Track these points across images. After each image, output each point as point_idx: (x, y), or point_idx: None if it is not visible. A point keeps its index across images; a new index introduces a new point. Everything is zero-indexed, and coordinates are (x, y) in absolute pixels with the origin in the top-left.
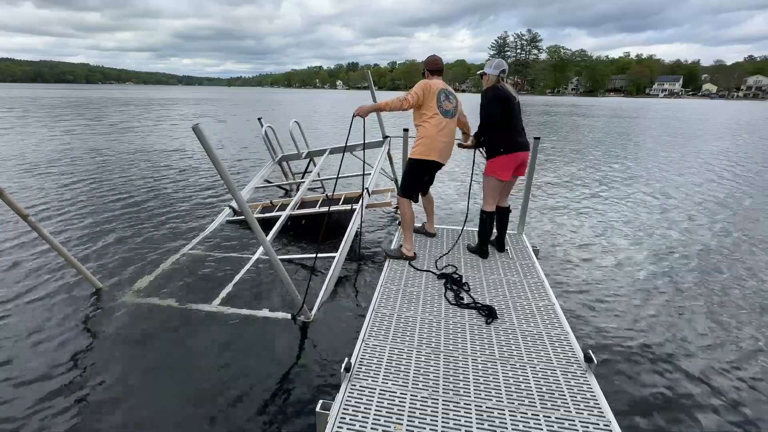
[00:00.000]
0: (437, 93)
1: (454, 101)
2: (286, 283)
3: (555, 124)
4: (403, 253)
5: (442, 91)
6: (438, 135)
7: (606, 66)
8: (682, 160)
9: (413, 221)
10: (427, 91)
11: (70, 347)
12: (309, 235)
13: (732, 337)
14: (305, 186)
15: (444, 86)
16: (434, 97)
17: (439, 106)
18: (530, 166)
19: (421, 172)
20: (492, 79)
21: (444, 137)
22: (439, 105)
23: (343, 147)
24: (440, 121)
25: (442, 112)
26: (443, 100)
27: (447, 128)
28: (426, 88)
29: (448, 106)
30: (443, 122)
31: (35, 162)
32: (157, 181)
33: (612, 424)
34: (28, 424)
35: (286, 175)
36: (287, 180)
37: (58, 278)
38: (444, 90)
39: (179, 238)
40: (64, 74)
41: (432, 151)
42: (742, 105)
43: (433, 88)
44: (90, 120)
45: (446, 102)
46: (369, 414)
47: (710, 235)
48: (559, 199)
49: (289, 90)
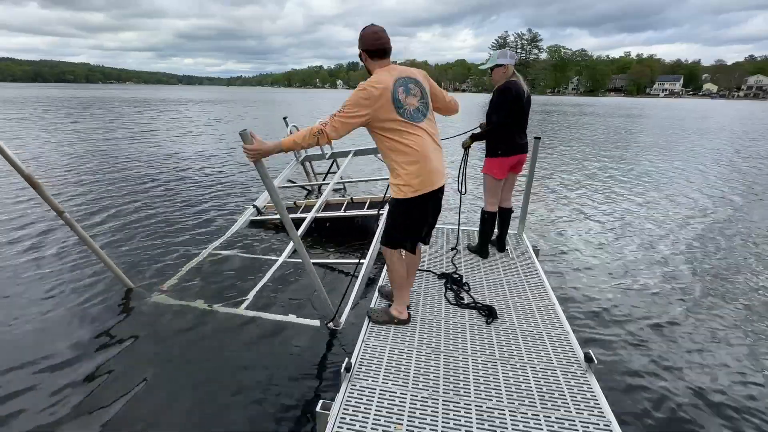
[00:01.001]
0: (392, 90)
1: (418, 89)
2: (319, 289)
3: (555, 124)
4: (395, 317)
5: (398, 82)
6: (424, 156)
7: (606, 66)
8: (684, 159)
9: (405, 278)
10: (369, 99)
11: (97, 344)
12: (333, 237)
13: (733, 338)
14: (329, 188)
15: (399, 74)
16: (389, 102)
17: (401, 111)
18: (531, 166)
19: (418, 212)
20: (510, 71)
21: (432, 153)
22: (401, 110)
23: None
24: (412, 134)
25: (411, 116)
26: (403, 98)
27: (425, 140)
28: (365, 95)
29: (413, 102)
30: (417, 134)
31: (56, 161)
32: (180, 180)
33: (612, 424)
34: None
35: (308, 176)
36: (310, 180)
37: (90, 276)
38: (400, 80)
39: (204, 237)
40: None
41: (422, 180)
42: (742, 105)
43: (383, 86)
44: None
45: (410, 98)
46: (369, 414)
47: (711, 235)
48: (559, 198)
49: (290, 90)
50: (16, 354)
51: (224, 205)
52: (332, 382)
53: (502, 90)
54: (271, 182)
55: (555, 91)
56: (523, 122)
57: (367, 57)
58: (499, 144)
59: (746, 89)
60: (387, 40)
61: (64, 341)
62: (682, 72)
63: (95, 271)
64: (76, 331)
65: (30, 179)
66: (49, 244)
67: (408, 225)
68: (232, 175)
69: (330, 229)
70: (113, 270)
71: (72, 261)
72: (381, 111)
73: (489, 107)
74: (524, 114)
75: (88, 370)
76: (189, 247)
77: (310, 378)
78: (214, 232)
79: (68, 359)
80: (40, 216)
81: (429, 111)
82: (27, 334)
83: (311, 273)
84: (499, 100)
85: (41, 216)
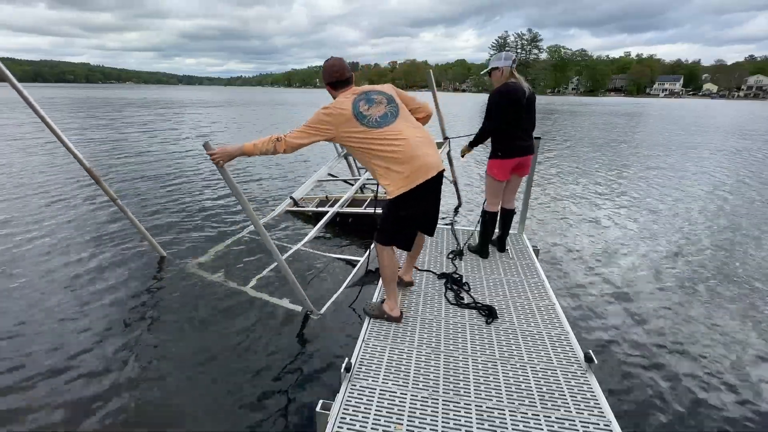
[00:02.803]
0: (353, 107)
1: (383, 98)
2: (292, 282)
3: (556, 123)
4: (385, 312)
5: (358, 99)
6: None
7: (606, 66)
8: (685, 159)
9: (396, 274)
10: (329, 117)
11: (123, 302)
12: (356, 233)
13: (734, 338)
14: (359, 183)
15: (359, 93)
16: (352, 118)
17: (365, 121)
18: (531, 166)
19: (409, 207)
20: (506, 72)
21: (416, 147)
22: (365, 121)
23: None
24: (388, 134)
25: (376, 123)
26: (364, 110)
27: (405, 135)
28: (326, 114)
29: (378, 110)
30: (392, 133)
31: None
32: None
33: (612, 424)
34: (84, 364)
35: (351, 169)
36: (353, 174)
37: (126, 242)
38: (360, 96)
39: (241, 222)
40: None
41: (416, 171)
42: (742, 105)
43: (344, 107)
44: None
45: (373, 107)
46: (369, 414)
47: (712, 235)
48: (560, 198)
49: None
50: (62, 300)
51: (265, 193)
52: (332, 382)
53: (494, 94)
54: (235, 185)
55: (555, 91)
56: (525, 123)
57: (331, 89)
58: (498, 146)
59: (746, 89)
60: (344, 70)
61: (101, 293)
62: (682, 72)
63: (132, 238)
64: (112, 286)
65: (90, 172)
66: (92, 217)
67: (399, 223)
68: (270, 168)
69: (352, 224)
70: (150, 241)
71: (113, 231)
72: (344, 127)
73: (486, 110)
74: (526, 115)
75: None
76: (225, 227)
77: (310, 378)
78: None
79: (99, 306)
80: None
81: (400, 112)
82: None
83: (283, 267)
84: (491, 103)
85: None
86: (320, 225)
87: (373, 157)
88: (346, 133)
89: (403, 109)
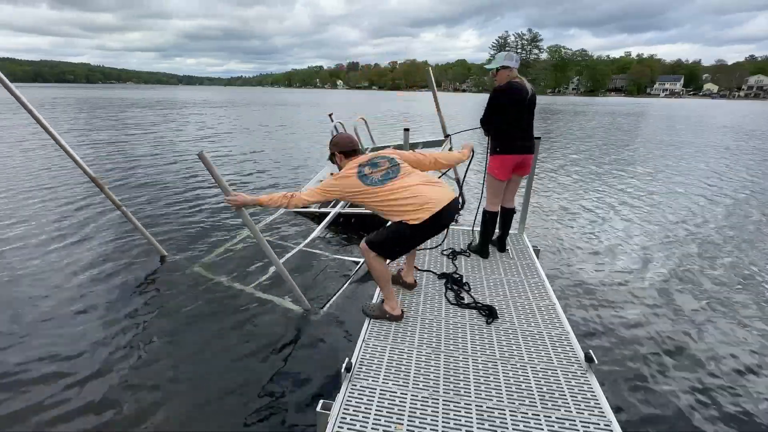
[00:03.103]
0: (357, 173)
1: (385, 161)
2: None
3: (556, 123)
4: (387, 312)
5: (362, 165)
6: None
7: (607, 65)
8: (688, 159)
9: (389, 275)
10: (339, 187)
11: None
12: (358, 233)
13: (735, 338)
14: None
15: (364, 159)
16: (357, 183)
17: (368, 182)
18: (531, 166)
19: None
20: (514, 73)
21: (424, 193)
22: (367, 182)
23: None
24: (390, 191)
25: (377, 182)
26: (367, 173)
27: (407, 185)
28: (334, 182)
29: (378, 173)
30: (393, 187)
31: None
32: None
33: (612, 424)
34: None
35: None
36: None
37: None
38: (364, 163)
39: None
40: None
41: (431, 208)
42: (743, 104)
43: (350, 173)
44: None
45: (374, 171)
46: (369, 414)
47: (713, 234)
48: (560, 198)
49: (290, 90)
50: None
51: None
52: (332, 382)
53: (498, 91)
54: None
55: (555, 91)
56: (525, 123)
57: (342, 157)
58: (498, 143)
59: (747, 89)
60: (355, 144)
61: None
62: (682, 72)
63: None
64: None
65: (95, 180)
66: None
67: (403, 243)
68: (273, 168)
69: (355, 225)
70: (152, 242)
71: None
72: (349, 189)
73: (486, 107)
74: (527, 114)
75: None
76: (224, 230)
77: (310, 378)
78: (254, 218)
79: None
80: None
81: (401, 169)
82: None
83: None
84: (489, 101)
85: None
86: (323, 225)
87: (388, 212)
88: (351, 193)
89: (405, 166)
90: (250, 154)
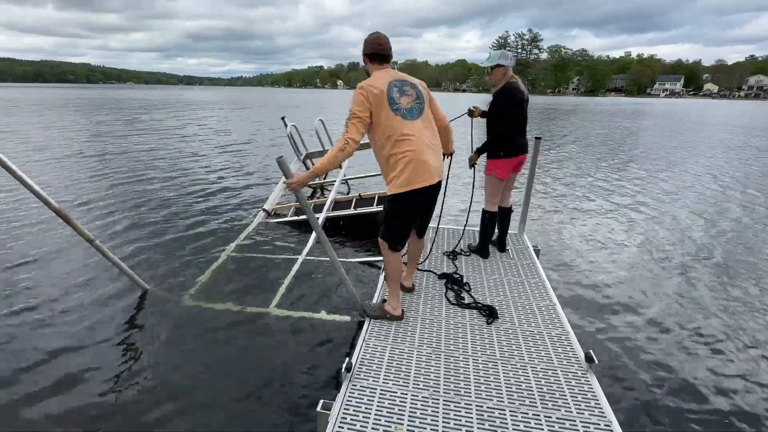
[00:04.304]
0: (387, 89)
1: (414, 92)
2: (345, 282)
3: (558, 123)
4: (388, 312)
5: (393, 84)
6: (418, 152)
7: (607, 65)
8: (689, 158)
9: (400, 274)
10: (369, 100)
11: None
12: (347, 236)
13: (736, 339)
14: (336, 186)
15: (395, 77)
16: (384, 100)
17: (395, 108)
18: (531, 166)
19: (410, 207)
20: (509, 72)
21: (426, 150)
22: (393, 107)
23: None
24: (406, 130)
25: (403, 114)
26: (397, 97)
27: (420, 137)
28: (364, 96)
29: (407, 102)
30: (411, 130)
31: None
32: (187, 185)
33: (613, 424)
34: (75, 420)
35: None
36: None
37: (104, 278)
38: (395, 82)
39: (218, 241)
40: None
41: (415, 174)
42: (743, 104)
43: (378, 86)
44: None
45: (403, 98)
46: (370, 414)
47: (717, 236)
48: (560, 198)
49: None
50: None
51: (234, 209)
52: (333, 382)
53: (498, 95)
54: (307, 205)
55: (555, 91)
56: (523, 123)
57: (368, 60)
58: (502, 146)
59: (747, 89)
60: (388, 46)
61: (78, 341)
62: (682, 72)
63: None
64: (91, 331)
65: (59, 212)
66: (57, 251)
67: (397, 216)
68: (239, 180)
69: (344, 228)
70: (131, 276)
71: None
72: (378, 107)
73: (489, 111)
74: (524, 115)
75: (103, 366)
76: (205, 250)
77: (310, 378)
78: (228, 236)
79: (81, 361)
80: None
81: (424, 112)
82: (52, 335)
83: (336, 266)
84: (495, 106)
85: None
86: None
87: (385, 145)
88: (377, 115)
89: (427, 109)
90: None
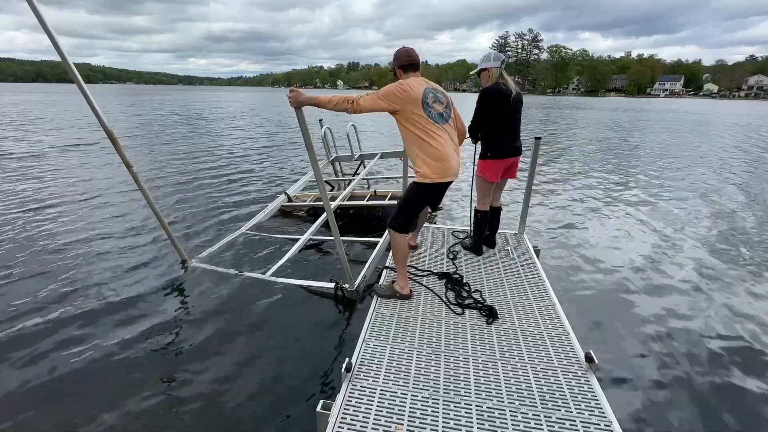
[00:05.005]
0: (423, 93)
1: (445, 100)
2: (342, 257)
3: (558, 123)
4: (397, 291)
5: (429, 90)
6: (444, 154)
7: (607, 66)
8: (690, 158)
9: (408, 256)
10: (403, 94)
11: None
12: (355, 226)
13: (737, 339)
14: (355, 182)
15: (430, 85)
16: (419, 102)
17: (428, 111)
18: (531, 166)
19: (429, 196)
20: (495, 73)
21: (450, 152)
22: (428, 110)
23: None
24: (438, 131)
25: (435, 117)
26: (432, 102)
27: (447, 139)
28: (400, 90)
29: (439, 107)
30: (440, 132)
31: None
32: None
33: (613, 424)
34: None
35: (336, 174)
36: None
37: (148, 246)
38: (430, 89)
39: (239, 219)
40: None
41: (441, 171)
42: (744, 104)
43: (415, 90)
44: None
45: (436, 104)
46: (369, 414)
47: (717, 235)
48: (560, 198)
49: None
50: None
51: (261, 192)
52: (332, 382)
53: (482, 93)
54: (306, 129)
55: (555, 91)
56: (513, 125)
57: (401, 72)
58: (488, 148)
59: (747, 89)
60: (417, 56)
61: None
62: (682, 72)
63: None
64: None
65: (111, 134)
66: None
67: (417, 204)
68: (269, 167)
69: (353, 217)
70: (173, 241)
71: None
72: (411, 106)
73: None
74: (513, 116)
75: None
76: (225, 225)
77: (310, 378)
78: (249, 216)
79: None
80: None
81: (451, 118)
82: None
83: (337, 240)
84: (478, 103)
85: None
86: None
87: (417, 141)
88: (408, 114)
89: (452, 117)
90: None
